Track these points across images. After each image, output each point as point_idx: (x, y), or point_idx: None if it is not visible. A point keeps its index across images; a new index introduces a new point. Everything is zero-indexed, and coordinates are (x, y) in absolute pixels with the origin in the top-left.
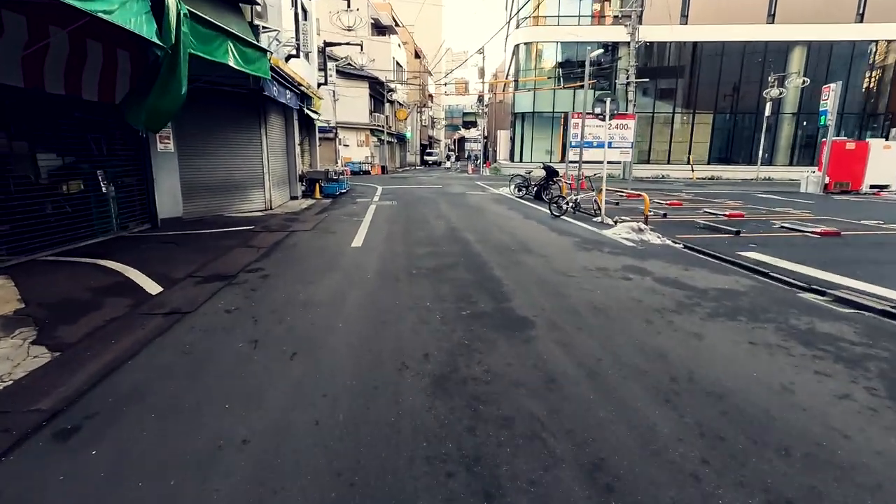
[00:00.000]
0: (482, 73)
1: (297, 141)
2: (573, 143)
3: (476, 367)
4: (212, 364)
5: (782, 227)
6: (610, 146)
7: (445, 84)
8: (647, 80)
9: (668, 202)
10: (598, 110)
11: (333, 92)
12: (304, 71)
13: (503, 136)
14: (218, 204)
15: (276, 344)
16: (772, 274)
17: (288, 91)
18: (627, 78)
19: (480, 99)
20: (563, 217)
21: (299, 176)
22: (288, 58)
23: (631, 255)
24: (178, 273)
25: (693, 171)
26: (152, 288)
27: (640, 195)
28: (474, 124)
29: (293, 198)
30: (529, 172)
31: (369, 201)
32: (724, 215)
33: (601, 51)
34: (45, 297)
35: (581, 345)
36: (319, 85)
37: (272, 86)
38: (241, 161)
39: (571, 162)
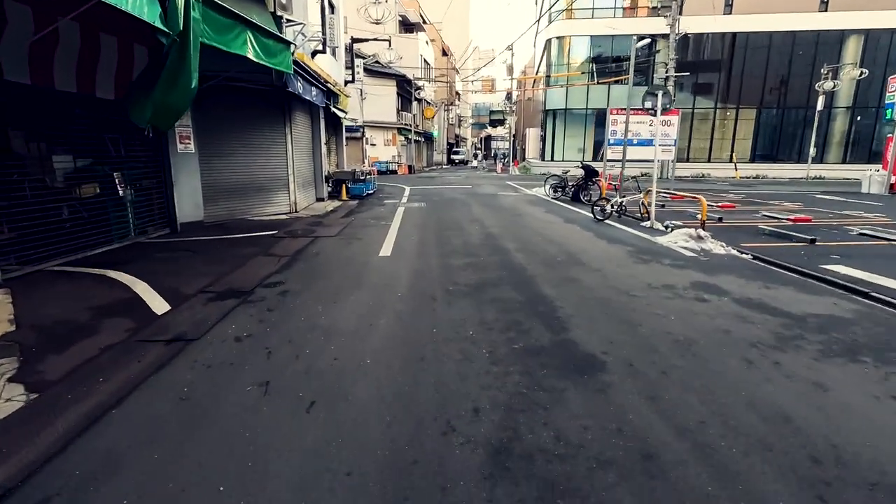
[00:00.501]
0: (511, 69)
1: (322, 140)
2: (611, 141)
3: (542, 430)
4: (210, 418)
5: (861, 234)
6: (651, 144)
7: (473, 81)
8: (688, 73)
9: (719, 204)
10: (648, 105)
11: (361, 90)
12: (330, 68)
13: (532, 134)
14: (240, 207)
15: (290, 388)
16: (875, 294)
17: (313, 88)
18: (667, 72)
19: (509, 96)
20: (607, 221)
21: (325, 177)
22: (314, 53)
23: (697, 269)
24: (190, 287)
25: (736, 169)
26: (159, 306)
27: (686, 196)
28: (501, 122)
29: (319, 199)
30: (566, 172)
31: (397, 203)
32: (788, 220)
33: (647, 41)
34: (40, 318)
35: (672, 398)
36: (346, 83)
37: (296, 82)
38: (265, 162)
39: (610, 161)
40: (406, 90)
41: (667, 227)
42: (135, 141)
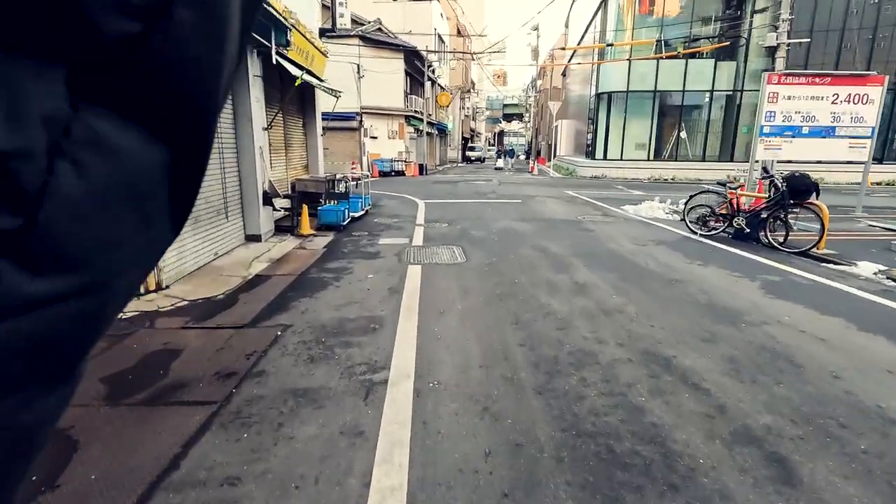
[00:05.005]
0: (536, 53)
1: (259, 122)
2: (767, 130)
3: None
4: None
5: None
6: (832, 134)
7: (492, 54)
8: (808, 39)
9: None
10: None
11: (358, 66)
12: None
13: (566, 127)
14: None
15: None
16: None
17: None
18: (777, 37)
19: (534, 84)
20: None
21: (264, 192)
22: None
23: None
24: None
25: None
26: None
27: None
28: (519, 116)
29: (251, 238)
30: (729, 182)
31: (405, 247)
32: None
33: None
34: None
35: None
36: (323, 33)
37: None
38: None
39: (759, 161)
40: (417, 68)
41: None
42: None
